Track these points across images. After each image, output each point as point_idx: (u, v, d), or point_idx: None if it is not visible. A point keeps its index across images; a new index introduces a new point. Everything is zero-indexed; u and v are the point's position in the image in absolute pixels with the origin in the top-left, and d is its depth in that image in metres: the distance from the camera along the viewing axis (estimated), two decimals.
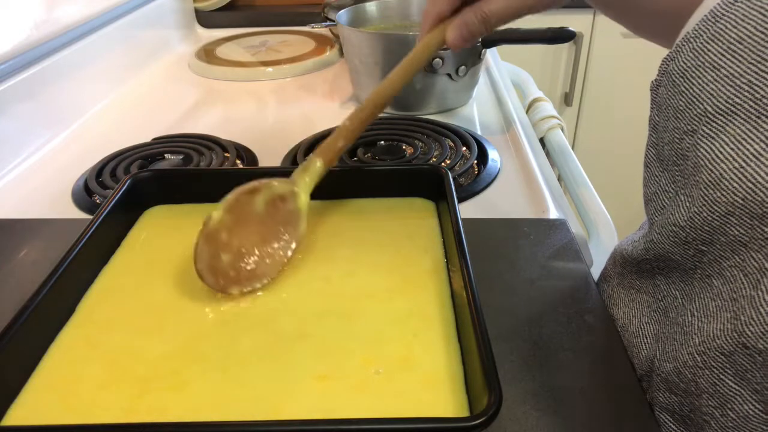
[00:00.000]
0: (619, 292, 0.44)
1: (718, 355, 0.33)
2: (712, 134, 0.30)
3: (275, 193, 0.43)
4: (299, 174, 0.44)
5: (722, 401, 0.33)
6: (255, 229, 0.42)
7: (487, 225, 0.52)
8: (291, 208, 0.43)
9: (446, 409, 0.31)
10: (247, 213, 0.42)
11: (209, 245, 0.41)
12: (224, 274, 0.40)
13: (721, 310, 0.33)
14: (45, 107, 0.72)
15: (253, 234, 0.42)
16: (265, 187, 0.43)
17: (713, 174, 0.30)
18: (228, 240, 0.41)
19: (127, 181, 0.48)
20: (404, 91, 0.76)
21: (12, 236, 0.53)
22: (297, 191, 0.43)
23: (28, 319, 0.34)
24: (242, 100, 0.88)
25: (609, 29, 1.40)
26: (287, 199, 0.43)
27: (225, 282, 0.40)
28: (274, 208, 0.43)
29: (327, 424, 0.29)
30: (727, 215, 0.30)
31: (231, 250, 0.41)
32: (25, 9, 0.71)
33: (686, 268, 0.36)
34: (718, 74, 0.30)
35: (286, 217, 0.43)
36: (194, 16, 1.21)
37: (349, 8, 0.83)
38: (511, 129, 0.72)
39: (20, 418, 0.31)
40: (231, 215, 0.42)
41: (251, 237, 0.42)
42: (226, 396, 0.32)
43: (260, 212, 0.43)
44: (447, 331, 0.36)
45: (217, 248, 0.41)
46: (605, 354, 0.39)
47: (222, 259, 0.40)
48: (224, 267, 0.40)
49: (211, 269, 0.40)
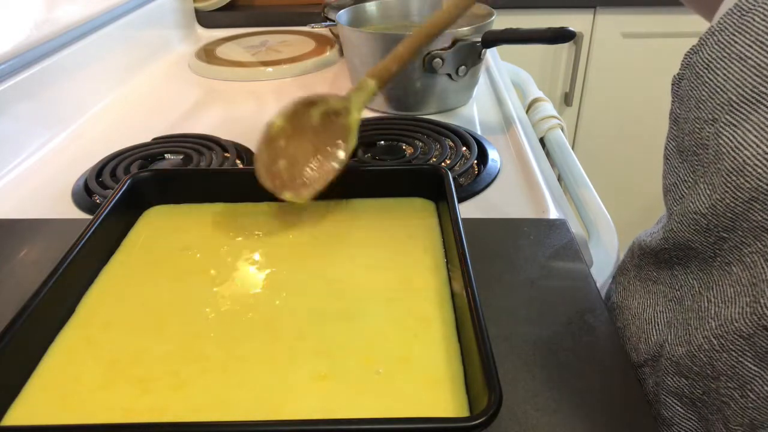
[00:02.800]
0: (635, 284, 0.44)
1: (737, 338, 0.33)
2: (734, 122, 0.31)
3: (330, 107, 0.46)
4: (354, 92, 0.48)
5: (741, 383, 0.34)
6: (309, 139, 0.46)
7: (487, 225, 0.52)
8: (343, 123, 0.46)
9: (446, 409, 0.31)
10: (303, 123, 0.46)
11: (268, 149, 0.44)
12: (279, 178, 0.44)
13: (739, 295, 0.33)
14: (45, 107, 0.72)
15: (306, 143, 0.46)
16: (322, 100, 0.46)
17: (736, 161, 0.31)
18: (284, 146, 0.45)
19: (127, 181, 0.48)
20: (404, 91, 0.76)
21: (12, 236, 0.53)
22: (350, 107, 0.47)
23: (28, 319, 0.34)
24: (242, 100, 0.88)
25: (609, 29, 1.40)
26: (341, 113, 0.46)
27: (279, 184, 0.44)
28: (328, 121, 0.46)
29: (327, 424, 0.29)
30: (750, 201, 0.31)
31: (286, 156, 0.45)
32: (25, 9, 0.71)
33: (705, 257, 0.36)
34: (745, 65, 0.30)
35: (338, 130, 0.46)
36: (194, 16, 1.21)
37: (349, 8, 0.83)
38: (511, 129, 0.72)
39: (20, 418, 0.31)
40: (289, 124, 0.45)
41: (305, 145, 0.45)
42: (226, 396, 0.32)
43: (315, 124, 0.46)
44: (447, 331, 0.36)
45: (275, 153, 0.44)
46: (605, 354, 0.39)
47: (278, 164, 0.44)
48: (280, 171, 0.44)
49: (268, 171, 0.44)
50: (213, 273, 0.42)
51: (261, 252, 0.44)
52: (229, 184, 0.50)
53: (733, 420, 0.35)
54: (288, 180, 0.44)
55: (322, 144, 0.46)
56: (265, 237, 0.46)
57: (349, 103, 0.47)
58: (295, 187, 0.44)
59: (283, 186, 0.44)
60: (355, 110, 0.47)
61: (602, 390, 0.37)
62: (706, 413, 0.37)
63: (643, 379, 0.42)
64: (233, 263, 0.43)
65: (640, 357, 0.42)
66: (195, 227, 0.47)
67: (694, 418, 0.38)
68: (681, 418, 0.39)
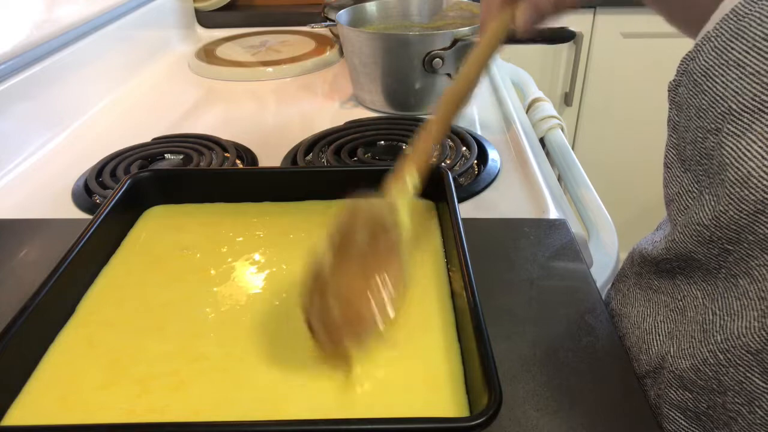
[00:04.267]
0: (635, 292, 0.44)
1: (744, 353, 0.33)
2: (737, 132, 0.30)
3: (377, 223, 0.36)
4: (397, 194, 0.38)
5: (749, 399, 0.33)
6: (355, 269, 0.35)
7: (487, 225, 0.52)
8: (394, 239, 0.36)
9: (446, 409, 0.31)
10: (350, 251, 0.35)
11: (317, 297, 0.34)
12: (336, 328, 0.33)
13: (746, 309, 0.32)
14: (45, 107, 0.72)
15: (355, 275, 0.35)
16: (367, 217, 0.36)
17: (740, 172, 0.30)
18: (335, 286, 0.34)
19: (127, 181, 0.48)
20: (404, 91, 0.76)
21: (12, 236, 0.53)
22: (399, 220, 0.37)
23: (28, 319, 0.34)
24: (242, 100, 0.88)
25: (609, 29, 1.40)
26: (390, 229, 0.36)
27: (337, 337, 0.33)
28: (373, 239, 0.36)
29: (327, 424, 0.29)
30: (756, 213, 0.30)
31: (339, 297, 0.34)
32: (25, 9, 0.71)
33: (709, 268, 0.35)
34: (743, 72, 0.30)
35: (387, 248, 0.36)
36: (194, 16, 1.21)
37: (349, 8, 0.83)
38: (511, 129, 0.72)
39: (20, 418, 0.31)
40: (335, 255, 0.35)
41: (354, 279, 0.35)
42: (226, 396, 0.32)
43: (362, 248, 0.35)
44: (447, 331, 0.36)
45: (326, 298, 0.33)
46: (605, 354, 0.39)
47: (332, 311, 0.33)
48: (336, 320, 0.33)
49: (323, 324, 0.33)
50: (213, 273, 0.42)
51: (261, 252, 0.44)
52: (229, 184, 0.50)
53: None
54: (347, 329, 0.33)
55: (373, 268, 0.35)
56: (265, 237, 0.46)
57: (396, 213, 0.37)
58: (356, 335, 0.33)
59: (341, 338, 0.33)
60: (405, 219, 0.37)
61: (602, 390, 0.37)
62: (711, 427, 0.37)
63: (645, 391, 0.41)
64: (233, 263, 0.43)
65: (641, 368, 0.41)
66: (195, 227, 0.47)
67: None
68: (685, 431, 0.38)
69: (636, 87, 1.46)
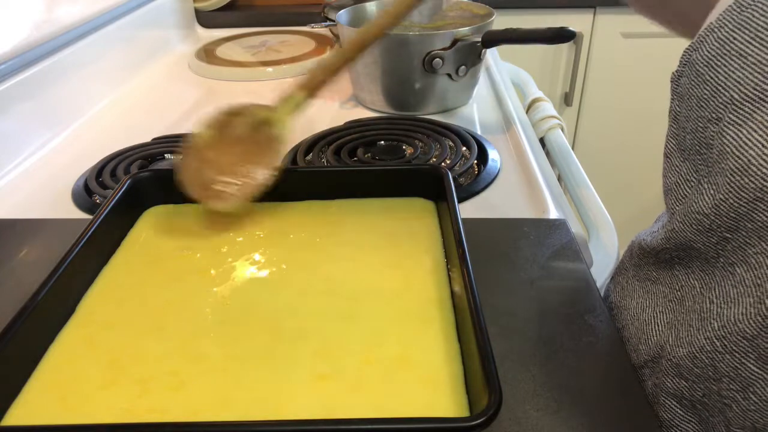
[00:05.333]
0: (634, 284, 0.44)
1: (740, 339, 0.33)
2: (738, 121, 0.30)
3: (258, 118, 0.47)
4: (281, 103, 0.48)
5: (744, 385, 0.34)
6: (237, 148, 0.46)
7: (487, 225, 0.52)
8: (271, 134, 0.47)
9: (446, 409, 0.31)
10: (230, 133, 0.47)
11: (194, 160, 0.45)
12: (206, 188, 0.44)
13: (743, 296, 0.33)
14: (45, 107, 0.72)
15: (234, 152, 0.46)
16: (248, 111, 0.47)
17: (740, 161, 0.30)
18: (211, 157, 0.45)
19: (127, 181, 0.48)
20: (404, 91, 0.76)
21: (12, 236, 0.53)
22: (279, 118, 0.47)
23: (28, 319, 0.34)
24: (242, 100, 0.88)
25: (609, 29, 1.40)
26: (268, 125, 0.47)
27: (207, 194, 0.44)
28: (255, 132, 0.47)
29: (327, 424, 0.29)
30: (755, 201, 0.30)
31: (213, 166, 0.45)
32: (25, 9, 0.71)
33: (708, 257, 0.36)
34: (745, 62, 0.30)
35: (267, 140, 0.47)
36: (194, 16, 1.21)
37: (349, 8, 0.83)
38: (511, 129, 0.72)
39: (20, 418, 0.31)
40: (215, 134, 0.46)
41: (233, 155, 0.46)
42: (226, 396, 0.32)
43: (242, 134, 0.47)
44: (447, 331, 0.36)
45: (201, 163, 0.45)
46: (605, 354, 0.39)
47: (204, 174, 0.45)
48: (206, 181, 0.44)
49: (193, 182, 0.44)
50: (213, 273, 0.42)
51: (261, 252, 0.44)
52: None
53: (734, 422, 0.35)
54: (216, 191, 0.45)
55: (251, 154, 0.46)
56: (265, 237, 0.46)
57: (277, 113, 0.48)
58: (225, 197, 0.45)
59: (211, 196, 0.45)
60: (283, 120, 0.48)
61: (602, 390, 0.37)
62: (706, 416, 0.37)
63: (643, 381, 0.41)
64: (233, 263, 0.43)
65: (640, 358, 0.41)
66: (195, 227, 0.47)
67: (693, 420, 0.38)
68: (680, 420, 0.39)
69: (636, 87, 1.46)
